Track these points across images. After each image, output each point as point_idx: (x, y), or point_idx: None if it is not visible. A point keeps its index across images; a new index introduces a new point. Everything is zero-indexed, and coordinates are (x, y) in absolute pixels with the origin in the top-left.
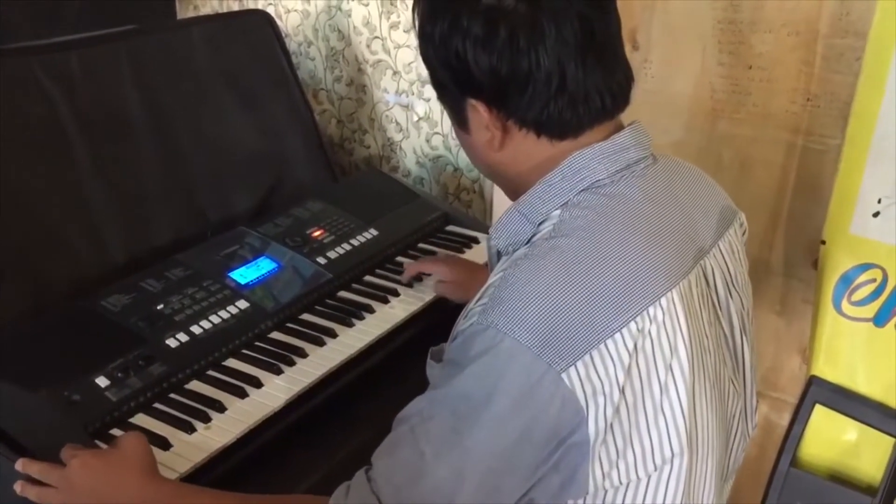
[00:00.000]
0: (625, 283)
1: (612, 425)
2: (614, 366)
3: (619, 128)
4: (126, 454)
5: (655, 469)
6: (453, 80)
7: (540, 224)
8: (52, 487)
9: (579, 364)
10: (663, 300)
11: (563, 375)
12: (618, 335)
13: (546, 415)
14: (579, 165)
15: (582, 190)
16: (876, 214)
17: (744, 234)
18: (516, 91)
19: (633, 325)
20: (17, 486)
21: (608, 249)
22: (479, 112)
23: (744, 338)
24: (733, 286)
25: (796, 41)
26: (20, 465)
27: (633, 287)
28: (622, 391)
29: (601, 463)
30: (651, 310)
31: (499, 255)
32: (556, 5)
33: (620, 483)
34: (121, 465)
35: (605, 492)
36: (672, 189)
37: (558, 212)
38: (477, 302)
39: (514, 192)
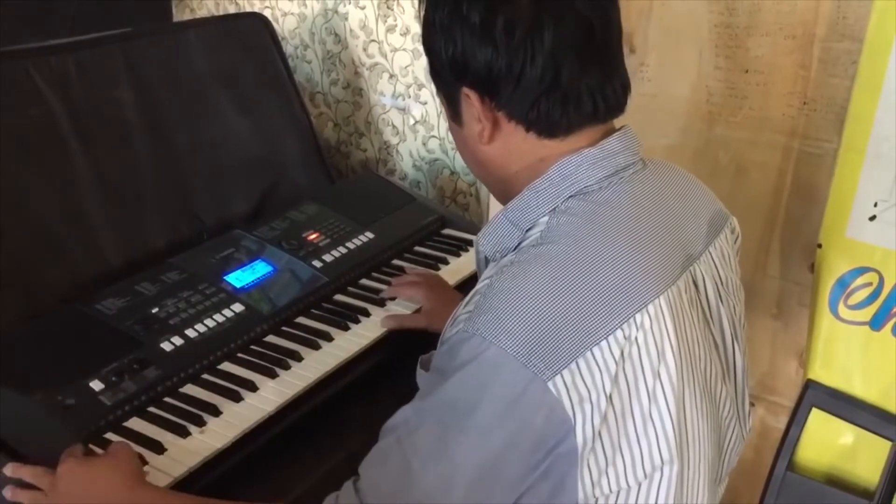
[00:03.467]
0: (611, 291)
1: (600, 433)
2: (601, 373)
3: (610, 132)
4: (109, 461)
5: (646, 476)
6: (450, 68)
7: (528, 230)
8: (42, 492)
9: (565, 372)
10: (651, 307)
11: (550, 384)
12: (604, 342)
13: (532, 424)
14: (567, 171)
15: (570, 196)
16: (872, 218)
17: (736, 239)
18: (509, 83)
19: (619, 333)
20: (7, 492)
21: (595, 256)
22: (471, 102)
23: (735, 343)
24: (724, 291)
25: (793, 45)
26: (9, 469)
27: (619, 294)
28: (609, 399)
29: (590, 471)
30: (638, 317)
31: (486, 260)
32: (559, 3)
33: (611, 491)
34: (103, 474)
35: (596, 500)
36: (661, 194)
37: (546, 218)
38: (463, 309)
39: (503, 195)
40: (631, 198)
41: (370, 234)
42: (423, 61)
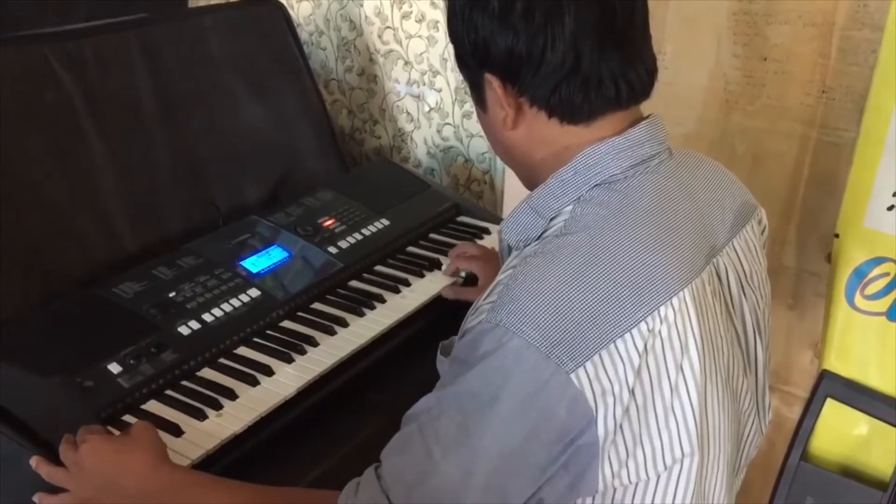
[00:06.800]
0: (636, 283)
1: (621, 425)
2: (624, 366)
3: (637, 120)
4: (136, 440)
5: (666, 468)
6: (472, 54)
7: (552, 219)
8: (65, 468)
9: (588, 364)
10: (675, 300)
11: (573, 376)
12: (627, 335)
13: (554, 415)
14: (593, 161)
15: (595, 185)
16: (890, 208)
17: (763, 231)
18: (530, 68)
19: (643, 326)
20: (33, 461)
21: (619, 248)
22: (494, 88)
23: (757, 336)
24: (747, 284)
25: (812, 33)
26: (33, 462)
27: (644, 287)
28: (632, 392)
29: (611, 462)
30: (662, 310)
31: (509, 249)
32: None
33: (630, 482)
34: (130, 451)
35: (615, 490)
36: (687, 185)
37: (570, 207)
38: (485, 299)
39: (529, 181)
40: (656, 188)
41: (385, 221)
42: (438, 48)
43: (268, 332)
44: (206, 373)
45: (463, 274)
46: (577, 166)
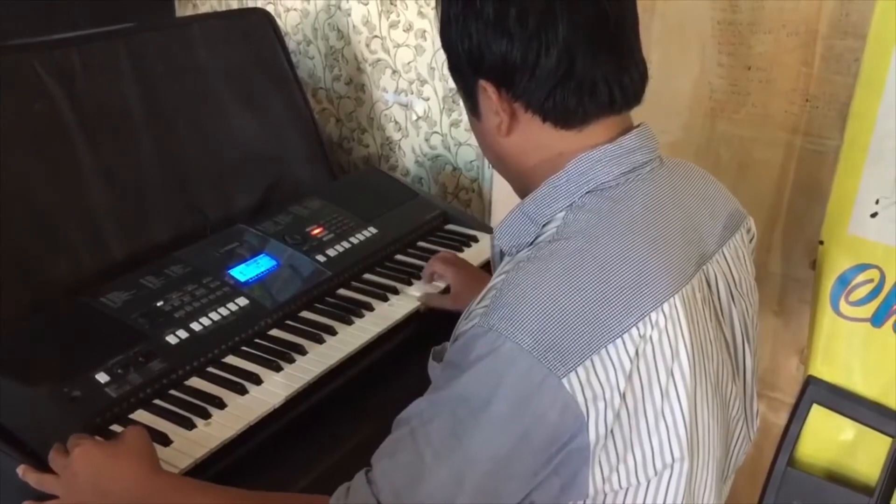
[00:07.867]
0: (627, 288)
1: (612, 430)
2: (615, 371)
3: (628, 128)
4: (127, 446)
5: (656, 473)
6: (467, 62)
7: (544, 225)
8: (54, 475)
9: (580, 369)
10: (666, 305)
11: (564, 381)
12: (619, 340)
13: (546, 420)
14: (585, 167)
15: (587, 192)
16: (874, 215)
17: (751, 239)
18: (525, 73)
19: (634, 331)
20: (20, 470)
21: (611, 254)
22: (488, 94)
23: (746, 344)
24: (737, 292)
25: (795, 42)
26: (21, 471)
27: (635, 292)
28: (623, 397)
29: (601, 467)
30: (653, 315)
31: (502, 254)
32: None
33: (620, 487)
34: (121, 456)
35: (605, 495)
36: (677, 193)
37: (563, 213)
38: (478, 304)
39: (521, 189)
40: (647, 195)
41: (373, 230)
42: (426, 57)
43: (256, 340)
44: (195, 382)
45: (441, 284)
46: (570, 173)
